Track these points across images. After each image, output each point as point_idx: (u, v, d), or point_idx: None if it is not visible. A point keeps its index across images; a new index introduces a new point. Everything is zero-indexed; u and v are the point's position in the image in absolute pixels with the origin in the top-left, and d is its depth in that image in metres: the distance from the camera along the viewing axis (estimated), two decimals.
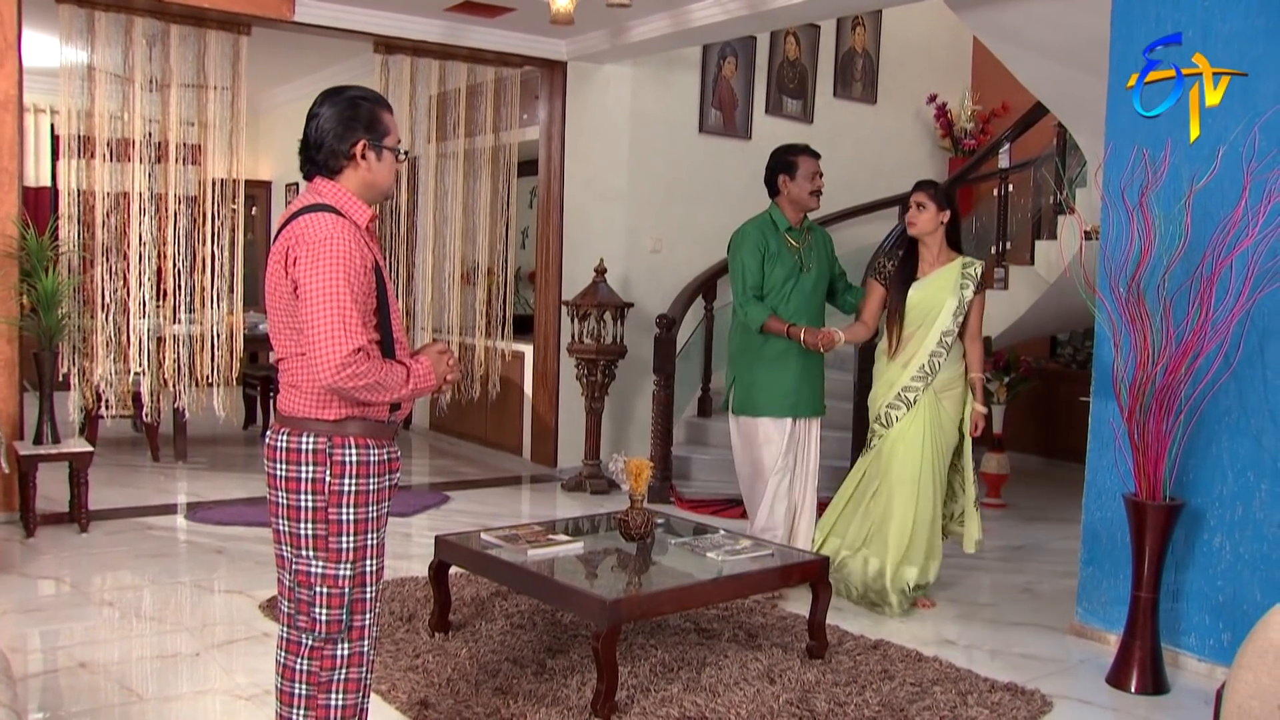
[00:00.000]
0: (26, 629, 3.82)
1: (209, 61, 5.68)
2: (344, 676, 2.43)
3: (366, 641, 2.45)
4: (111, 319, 5.54)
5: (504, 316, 6.99)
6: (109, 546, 4.84)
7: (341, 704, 2.44)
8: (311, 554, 2.36)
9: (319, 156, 2.39)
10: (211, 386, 5.92)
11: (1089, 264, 4.29)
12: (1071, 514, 4.88)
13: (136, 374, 5.67)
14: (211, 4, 5.44)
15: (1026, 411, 7.47)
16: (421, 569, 4.28)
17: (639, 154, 6.83)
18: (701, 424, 6.77)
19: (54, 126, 8.64)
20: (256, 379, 7.72)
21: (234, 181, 5.91)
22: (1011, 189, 6.68)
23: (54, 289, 4.98)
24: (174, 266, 5.74)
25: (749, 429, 4.40)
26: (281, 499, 2.38)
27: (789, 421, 4.36)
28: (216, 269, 5.85)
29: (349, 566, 2.38)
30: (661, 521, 4.04)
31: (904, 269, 4.28)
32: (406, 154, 2.50)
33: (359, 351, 2.23)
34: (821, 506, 4.51)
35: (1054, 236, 6.07)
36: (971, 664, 3.68)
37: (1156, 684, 3.52)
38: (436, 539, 3.78)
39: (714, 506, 5.90)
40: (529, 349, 7.01)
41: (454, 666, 3.43)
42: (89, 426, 6.25)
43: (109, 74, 5.44)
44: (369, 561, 2.41)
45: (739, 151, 7.20)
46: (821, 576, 3.68)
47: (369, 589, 2.43)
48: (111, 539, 4.96)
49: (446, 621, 3.76)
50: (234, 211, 5.92)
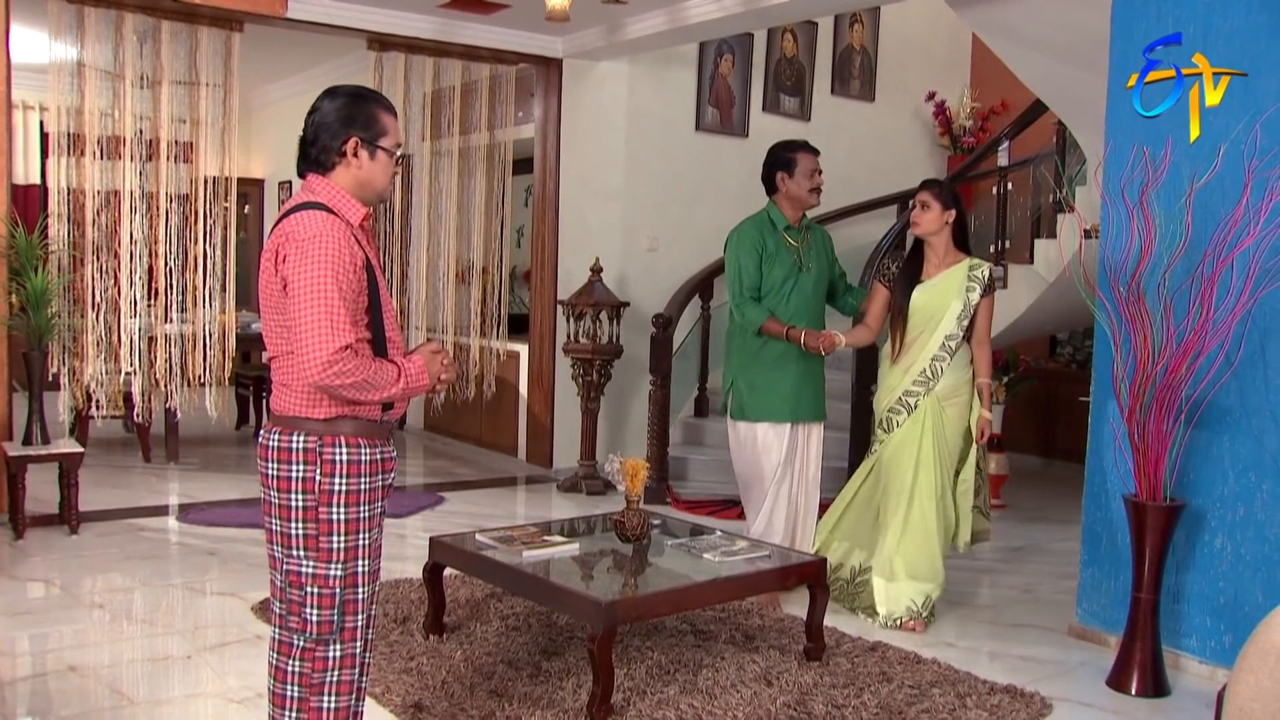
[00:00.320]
0: (15, 632, 3.79)
1: (201, 58, 5.65)
2: (336, 679, 2.41)
3: (359, 643, 2.43)
4: (102, 318, 5.51)
5: (499, 316, 6.96)
6: (99, 548, 4.81)
7: (334, 706, 2.41)
8: (302, 554, 2.35)
9: (313, 151, 2.39)
10: (204, 386, 5.90)
11: (1089, 263, 4.27)
12: (1071, 515, 4.86)
13: (128, 374, 5.65)
14: (203, 0, 5.40)
15: (1026, 411, 7.46)
16: (416, 570, 4.26)
17: (635, 152, 6.80)
18: (698, 424, 6.74)
19: (43, 123, 8.58)
20: (249, 379, 7.69)
21: (226, 179, 5.87)
22: (1010, 187, 6.65)
23: (43, 288, 4.95)
24: (165, 265, 5.71)
25: (747, 434, 4.26)
26: (273, 498, 2.37)
27: (788, 426, 4.22)
28: (208, 268, 5.82)
29: (340, 567, 2.36)
30: (658, 522, 4.02)
31: (908, 271, 4.13)
32: (402, 157, 2.46)
33: (346, 349, 2.22)
34: (823, 508, 4.44)
35: (1054, 235, 6.04)
36: (970, 666, 3.66)
37: (1157, 686, 3.50)
38: (431, 540, 3.76)
39: (711, 507, 5.87)
40: (524, 349, 6.98)
41: (449, 669, 3.41)
42: (79, 427, 6.22)
43: (99, 70, 5.41)
44: (361, 562, 2.39)
45: (736, 149, 7.17)
46: (819, 578, 3.65)
47: (361, 590, 2.40)
48: (102, 541, 4.93)
49: (441, 623, 3.74)
50: (226, 210, 5.89)
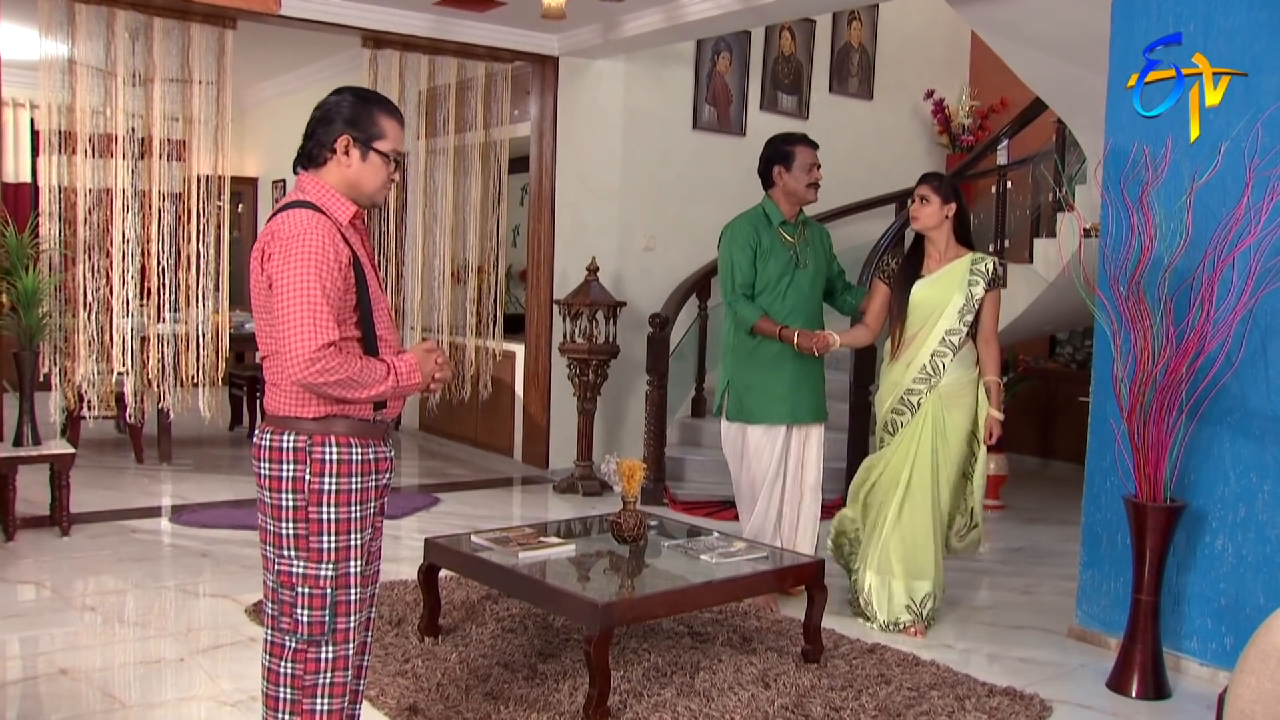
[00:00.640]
0: (5, 635, 3.76)
1: (193, 56, 5.61)
2: (329, 680, 2.38)
3: (352, 645, 2.41)
4: (94, 318, 5.48)
5: (495, 315, 6.93)
6: (91, 550, 4.78)
7: (327, 709, 2.39)
8: (293, 554, 2.33)
9: (307, 145, 2.38)
10: (197, 387, 5.86)
11: (1088, 262, 4.25)
12: (1071, 516, 4.85)
13: (120, 374, 5.62)
14: None
15: (1025, 412, 7.44)
16: (411, 572, 4.23)
17: (632, 151, 6.77)
18: (695, 425, 6.72)
19: (34, 121, 8.54)
20: (242, 379, 7.65)
21: (219, 178, 5.84)
22: (1010, 186, 6.65)
23: (34, 287, 4.92)
24: (158, 264, 5.68)
25: (739, 436, 4.19)
26: (266, 498, 2.36)
27: (782, 429, 4.14)
28: (201, 267, 5.79)
29: (330, 567, 2.33)
30: (655, 523, 3.99)
31: (908, 266, 4.05)
32: (398, 163, 2.43)
33: (329, 346, 2.20)
34: (828, 508, 4.34)
35: (1053, 234, 6.03)
36: (969, 668, 3.63)
37: (1158, 689, 3.48)
38: (426, 541, 3.74)
39: (708, 508, 5.85)
40: (520, 348, 6.95)
41: (444, 671, 3.39)
42: (71, 428, 6.17)
43: (90, 68, 5.37)
44: (352, 563, 2.37)
45: (733, 148, 7.15)
46: (817, 579, 3.62)
47: (353, 591, 2.38)
48: (94, 542, 4.89)
49: (436, 625, 3.72)
50: (219, 208, 5.86)
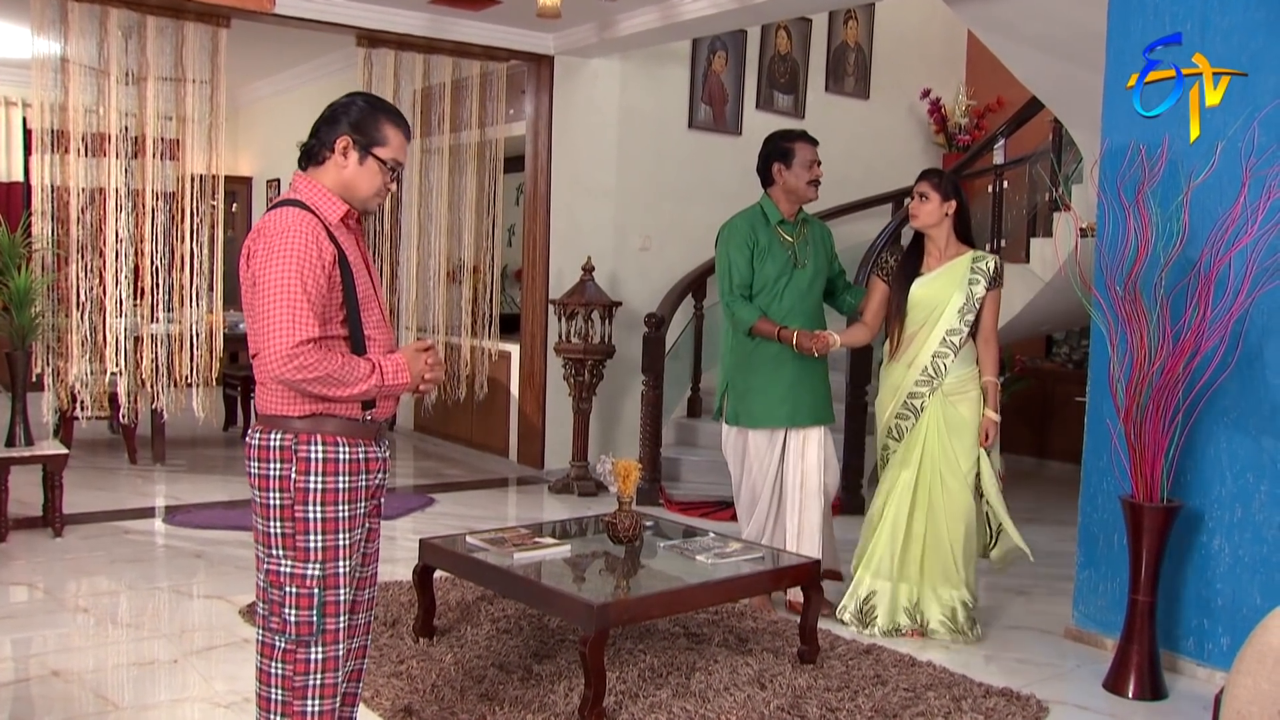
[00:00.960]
0: None
1: (187, 54, 5.59)
2: (319, 681, 2.36)
3: (341, 646, 2.39)
4: (87, 318, 5.45)
5: (490, 315, 6.91)
6: (84, 551, 4.76)
7: (317, 710, 2.37)
8: (281, 553, 2.33)
9: (309, 142, 2.39)
10: (190, 387, 5.84)
11: (1085, 262, 4.23)
12: (1067, 516, 4.84)
13: (113, 374, 5.59)
14: None
15: (1022, 412, 7.43)
16: (406, 573, 4.22)
17: (627, 150, 6.76)
18: (691, 425, 6.71)
19: (26, 120, 8.52)
20: (237, 379, 7.63)
21: (213, 177, 5.82)
22: (1006, 185, 6.64)
23: (27, 287, 4.91)
24: (151, 264, 5.65)
25: (738, 440, 4.15)
26: (256, 497, 2.36)
27: (781, 432, 4.09)
28: (195, 267, 5.77)
29: (318, 566, 2.32)
30: (650, 524, 3.98)
31: (907, 264, 3.99)
32: (396, 173, 2.42)
33: (307, 343, 2.19)
34: (836, 508, 4.26)
35: (1049, 234, 6.02)
36: (966, 669, 3.62)
37: (1154, 689, 3.48)
38: (421, 542, 3.73)
39: (704, 508, 5.84)
40: (515, 348, 6.94)
41: (439, 672, 3.38)
42: (64, 428, 6.15)
43: (83, 66, 5.34)
44: (341, 563, 2.35)
45: (729, 147, 7.13)
46: (813, 580, 3.61)
47: (342, 591, 2.36)
48: (87, 543, 4.87)
49: (431, 626, 3.71)
50: (213, 208, 5.84)
